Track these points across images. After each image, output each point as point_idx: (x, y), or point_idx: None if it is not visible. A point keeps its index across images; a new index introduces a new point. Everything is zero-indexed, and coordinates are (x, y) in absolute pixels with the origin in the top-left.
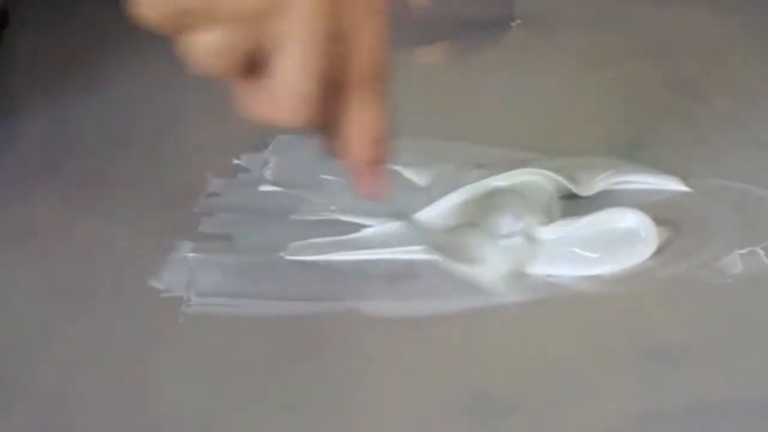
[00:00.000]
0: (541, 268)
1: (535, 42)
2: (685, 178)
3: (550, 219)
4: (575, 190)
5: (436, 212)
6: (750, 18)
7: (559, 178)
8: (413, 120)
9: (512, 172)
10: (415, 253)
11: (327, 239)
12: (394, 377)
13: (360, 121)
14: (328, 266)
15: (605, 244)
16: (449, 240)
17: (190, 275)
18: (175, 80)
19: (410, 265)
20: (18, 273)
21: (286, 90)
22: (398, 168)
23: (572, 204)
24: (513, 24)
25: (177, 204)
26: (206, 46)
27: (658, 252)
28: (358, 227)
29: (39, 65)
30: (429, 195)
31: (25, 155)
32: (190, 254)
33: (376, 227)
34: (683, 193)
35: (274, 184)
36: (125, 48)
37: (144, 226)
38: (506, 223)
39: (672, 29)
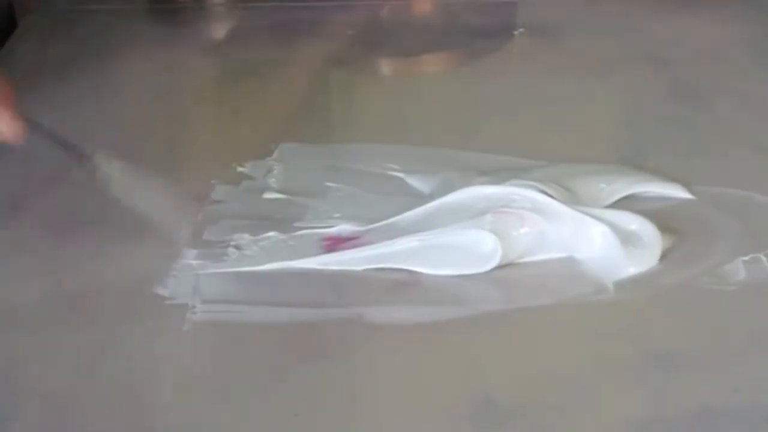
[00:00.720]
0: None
1: (538, 50)
2: (687, 186)
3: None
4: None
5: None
6: (750, 26)
7: (562, 190)
8: (417, 128)
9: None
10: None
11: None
12: (399, 384)
13: None
14: (332, 273)
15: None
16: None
17: (195, 282)
18: (178, 88)
19: (413, 272)
20: (23, 280)
21: None
22: (402, 175)
23: None
24: (516, 32)
25: (181, 212)
26: None
27: (662, 259)
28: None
29: (43, 73)
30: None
31: (29, 162)
32: (195, 262)
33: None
34: (686, 201)
35: (278, 191)
36: (130, 55)
37: (149, 233)
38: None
39: (674, 37)
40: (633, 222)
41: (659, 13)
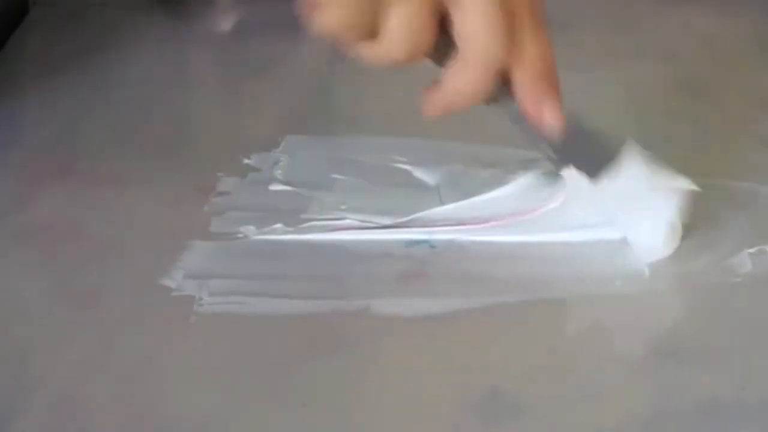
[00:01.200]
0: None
1: None
2: (693, 178)
3: None
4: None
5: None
6: (757, 19)
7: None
8: (423, 120)
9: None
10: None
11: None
12: (405, 376)
13: (536, 56)
14: (339, 265)
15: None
16: None
17: (201, 274)
18: (185, 80)
19: (421, 263)
20: (30, 273)
21: (477, 48)
22: (408, 167)
23: None
24: None
25: (187, 203)
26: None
27: None
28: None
29: (50, 65)
30: (439, 194)
31: (36, 155)
32: (202, 253)
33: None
34: (692, 193)
35: (284, 183)
36: (136, 48)
37: (155, 225)
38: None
39: (680, 30)
40: (661, 207)
41: (666, 6)
